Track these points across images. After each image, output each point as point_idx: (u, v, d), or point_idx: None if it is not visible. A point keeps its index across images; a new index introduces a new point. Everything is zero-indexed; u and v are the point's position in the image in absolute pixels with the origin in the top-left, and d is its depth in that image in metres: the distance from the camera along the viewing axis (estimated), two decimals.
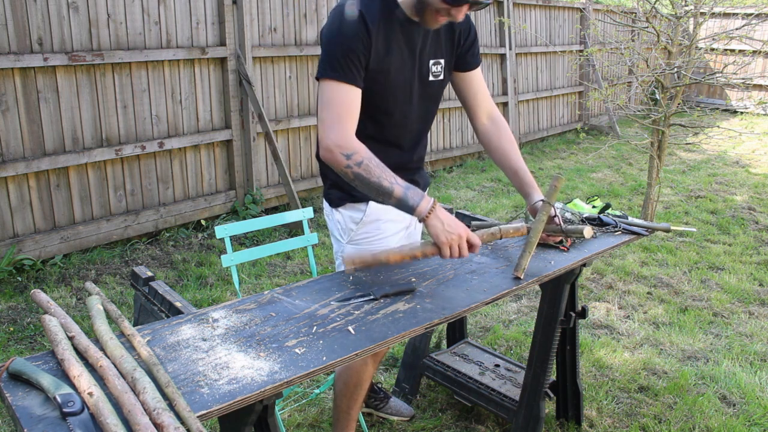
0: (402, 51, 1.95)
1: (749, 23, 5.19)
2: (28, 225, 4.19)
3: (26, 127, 4.10)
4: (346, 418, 2.31)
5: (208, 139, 5.07)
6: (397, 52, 1.94)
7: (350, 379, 2.22)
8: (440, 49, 2.07)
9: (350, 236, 2.09)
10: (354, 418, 2.32)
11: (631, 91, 9.71)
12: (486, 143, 2.25)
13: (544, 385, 2.46)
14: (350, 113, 1.83)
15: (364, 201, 2.05)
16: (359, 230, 2.08)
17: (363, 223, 2.07)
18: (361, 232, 2.08)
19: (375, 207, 2.06)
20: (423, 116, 2.13)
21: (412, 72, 2.01)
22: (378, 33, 1.87)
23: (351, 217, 2.08)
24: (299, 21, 5.67)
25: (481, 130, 2.25)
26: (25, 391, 1.30)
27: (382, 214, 2.07)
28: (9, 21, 3.93)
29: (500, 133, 2.21)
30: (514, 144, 2.23)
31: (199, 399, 1.33)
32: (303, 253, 4.62)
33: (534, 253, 2.23)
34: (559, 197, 6.24)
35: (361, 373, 2.19)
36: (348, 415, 2.30)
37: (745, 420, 2.83)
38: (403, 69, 1.98)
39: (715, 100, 11.62)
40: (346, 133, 1.80)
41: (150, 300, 1.90)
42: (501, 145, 2.20)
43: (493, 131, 2.22)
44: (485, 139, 2.24)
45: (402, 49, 1.95)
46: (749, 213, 5.83)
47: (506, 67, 8.07)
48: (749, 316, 3.86)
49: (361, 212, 2.07)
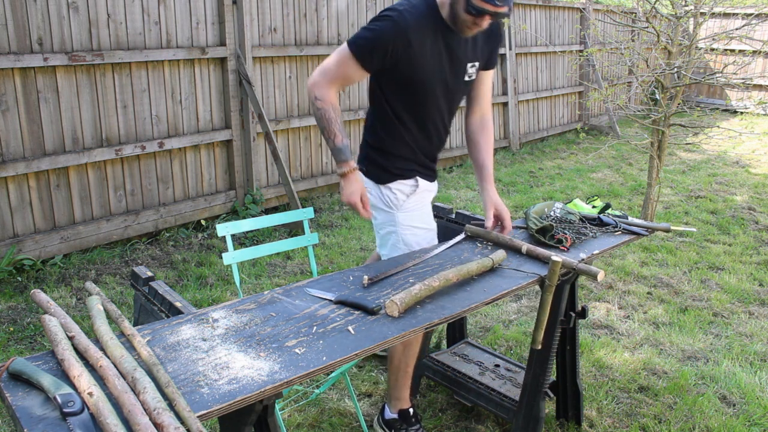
0: (441, 54, 2.27)
1: (749, 23, 5.18)
2: (28, 225, 4.19)
3: (26, 127, 4.10)
4: (404, 376, 2.51)
5: (208, 139, 5.07)
6: (436, 56, 2.26)
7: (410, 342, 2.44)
8: (477, 53, 2.39)
9: (402, 206, 2.44)
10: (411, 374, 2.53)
11: (631, 91, 9.70)
12: (469, 135, 2.60)
13: (544, 385, 2.46)
14: (343, 79, 2.26)
15: (412, 177, 2.44)
16: (410, 200, 2.44)
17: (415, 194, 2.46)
18: (411, 202, 2.45)
19: (422, 182, 2.47)
20: (450, 111, 2.48)
21: (451, 73, 2.33)
22: (418, 39, 2.19)
23: (401, 191, 2.43)
24: (299, 21, 5.67)
25: (470, 123, 2.59)
26: (25, 391, 1.30)
27: (425, 185, 2.49)
28: (9, 21, 3.93)
29: (484, 132, 2.56)
30: (490, 144, 2.58)
31: (199, 399, 1.33)
32: (303, 253, 4.62)
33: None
34: (559, 197, 6.25)
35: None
36: (406, 372, 2.51)
37: (745, 420, 2.83)
38: (441, 70, 2.29)
39: (715, 100, 11.62)
40: (328, 86, 2.24)
41: (150, 300, 1.90)
42: (479, 141, 2.56)
43: (479, 128, 2.57)
44: (470, 131, 2.59)
45: (441, 52, 2.27)
46: (749, 213, 5.83)
47: (506, 67, 8.07)
48: (749, 316, 3.86)
49: (413, 186, 2.44)
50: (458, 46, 2.29)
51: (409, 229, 2.43)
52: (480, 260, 2.07)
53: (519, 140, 8.47)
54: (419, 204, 2.48)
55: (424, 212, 2.50)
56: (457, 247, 2.34)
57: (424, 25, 2.20)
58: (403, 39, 2.16)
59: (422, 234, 2.46)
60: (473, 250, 2.29)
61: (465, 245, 2.35)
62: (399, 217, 2.43)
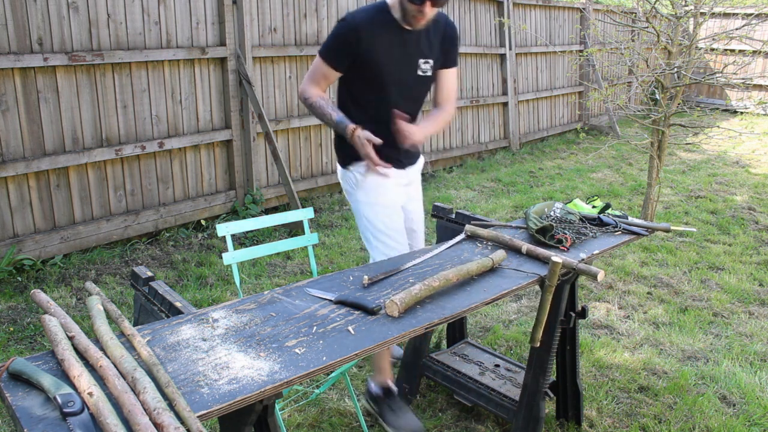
0: (392, 50, 2.51)
1: (749, 23, 5.18)
2: (28, 225, 4.19)
3: (26, 127, 4.10)
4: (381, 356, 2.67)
5: (208, 139, 5.07)
6: (387, 51, 2.50)
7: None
8: (430, 50, 2.59)
9: (361, 185, 2.64)
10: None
11: (631, 91, 9.70)
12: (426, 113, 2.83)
13: (544, 385, 2.46)
14: (319, 79, 2.57)
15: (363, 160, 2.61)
16: (367, 180, 2.63)
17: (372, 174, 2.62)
18: (369, 180, 2.63)
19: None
20: (413, 106, 2.67)
21: (404, 68, 2.56)
22: (370, 36, 2.46)
23: (359, 171, 2.64)
24: (299, 21, 5.67)
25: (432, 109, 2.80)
26: (25, 391, 1.30)
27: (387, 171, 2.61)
28: (9, 21, 3.93)
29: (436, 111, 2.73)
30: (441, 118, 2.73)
31: (199, 399, 1.33)
32: (303, 253, 4.62)
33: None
34: (559, 197, 6.25)
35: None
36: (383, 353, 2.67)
37: (745, 420, 2.83)
38: (395, 65, 2.53)
39: (715, 100, 11.62)
40: (309, 87, 2.58)
41: (150, 300, 1.89)
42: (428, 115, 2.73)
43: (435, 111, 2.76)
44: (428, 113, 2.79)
45: (392, 48, 2.51)
46: (749, 213, 5.83)
47: (506, 67, 8.07)
48: (749, 316, 3.86)
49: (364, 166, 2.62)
50: (409, 42, 2.53)
51: (369, 205, 2.64)
52: (480, 260, 2.07)
53: (519, 140, 8.47)
54: (376, 183, 2.63)
55: (380, 192, 2.64)
56: (457, 247, 2.34)
57: (374, 24, 2.48)
58: (354, 37, 2.46)
59: (381, 210, 2.62)
60: (473, 250, 2.29)
61: (465, 245, 2.35)
62: (359, 195, 2.66)
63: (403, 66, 2.56)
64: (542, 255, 2.18)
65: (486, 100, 7.83)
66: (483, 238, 2.39)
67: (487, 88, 7.94)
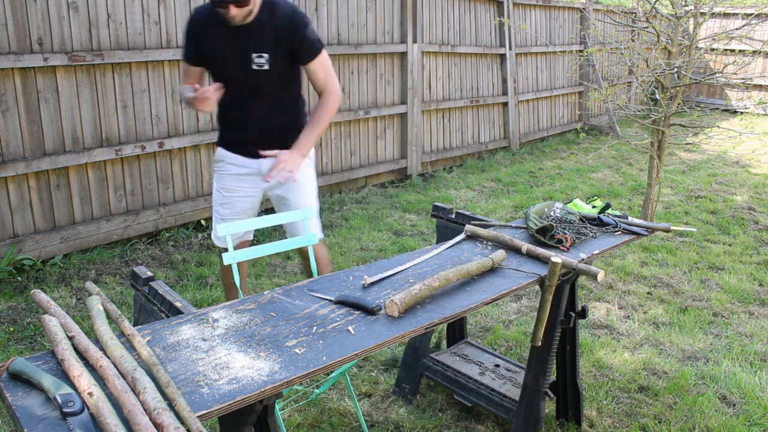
0: (224, 45, 2.68)
1: (749, 23, 5.18)
2: (28, 225, 4.19)
3: (26, 127, 4.10)
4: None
5: (208, 139, 5.07)
6: (220, 46, 2.68)
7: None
8: (264, 45, 2.68)
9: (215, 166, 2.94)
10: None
11: (631, 91, 9.71)
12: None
13: (544, 385, 2.46)
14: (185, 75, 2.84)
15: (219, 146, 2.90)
16: (216, 165, 2.92)
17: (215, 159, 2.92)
18: (216, 166, 2.92)
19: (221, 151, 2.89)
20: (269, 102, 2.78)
21: (235, 62, 2.69)
22: (205, 32, 2.69)
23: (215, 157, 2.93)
24: None
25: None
26: (25, 391, 1.30)
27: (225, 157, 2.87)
28: (9, 21, 3.93)
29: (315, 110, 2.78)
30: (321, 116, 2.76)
31: (199, 399, 1.33)
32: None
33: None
34: (559, 197, 6.25)
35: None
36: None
37: (745, 420, 2.83)
38: (228, 59, 2.70)
39: (715, 100, 11.62)
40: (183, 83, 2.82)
41: (150, 300, 1.90)
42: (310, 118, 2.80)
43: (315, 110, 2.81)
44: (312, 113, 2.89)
45: (225, 43, 2.67)
46: (749, 213, 5.83)
47: (506, 67, 8.07)
48: (749, 316, 3.86)
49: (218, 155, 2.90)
50: (240, 38, 2.66)
51: (215, 190, 2.93)
52: (480, 260, 2.07)
53: (519, 140, 8.47)
54: (219, 169, 2.91)
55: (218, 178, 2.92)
56: (457, 247, 2.34)
57: (208, 21, 2.67)
58: (193, 32, 2.72)
59: (217, 196, 2.91)
60: (473, 250, 2.29)
61: (465, 245, 2.35)
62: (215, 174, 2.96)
63: (234, 60, 2.68)
64: (542, 255, 2.18)
65: (486, 100, 7.83)
66: (483, 238, 2.39)
67: (487, 88, 7.94)
